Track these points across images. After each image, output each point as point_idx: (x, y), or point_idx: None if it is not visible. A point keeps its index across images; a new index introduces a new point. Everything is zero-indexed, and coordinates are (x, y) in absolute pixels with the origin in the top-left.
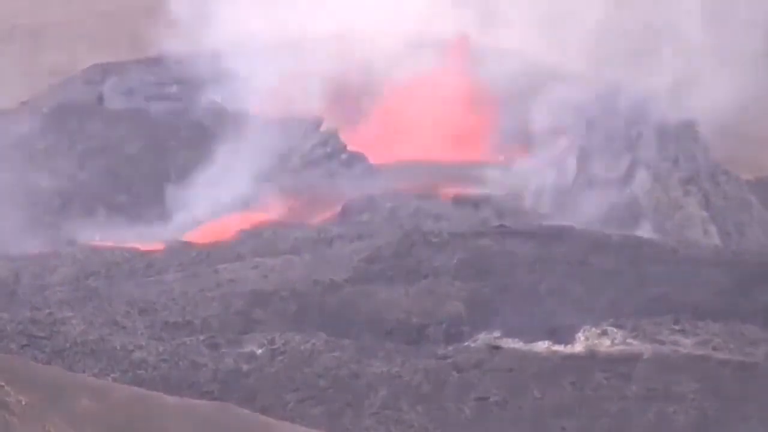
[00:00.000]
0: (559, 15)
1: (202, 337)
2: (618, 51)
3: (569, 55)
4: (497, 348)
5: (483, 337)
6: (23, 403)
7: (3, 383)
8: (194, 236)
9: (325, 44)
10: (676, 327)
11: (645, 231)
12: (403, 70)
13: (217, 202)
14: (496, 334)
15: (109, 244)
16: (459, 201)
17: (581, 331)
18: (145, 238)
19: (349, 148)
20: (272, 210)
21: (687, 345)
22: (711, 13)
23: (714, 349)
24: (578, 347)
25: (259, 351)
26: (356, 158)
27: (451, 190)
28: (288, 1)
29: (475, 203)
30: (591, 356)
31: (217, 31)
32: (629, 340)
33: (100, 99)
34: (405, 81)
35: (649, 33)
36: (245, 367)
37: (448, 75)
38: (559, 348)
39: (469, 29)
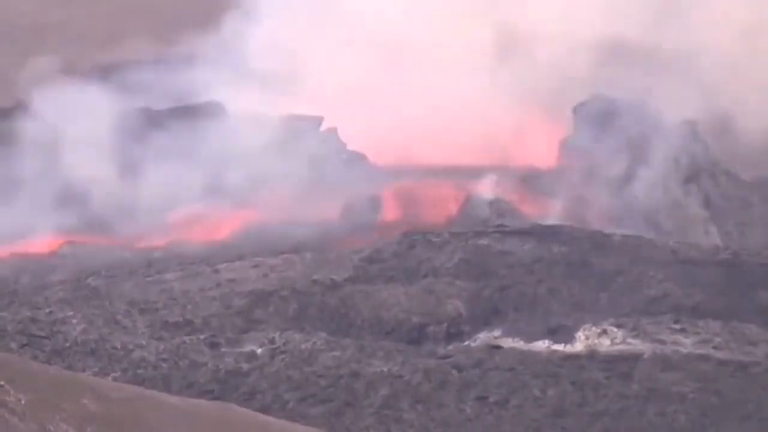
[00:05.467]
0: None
1: (202, 337)
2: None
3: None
4: (497, 347)
5: (483, 337)
6: (23, 402)
7: (3, 382)
8: (194, 235)
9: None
10: (677, 326)
11: (645, 231)
12: None
13: (216, 201)
14: (497, 333)
15: (109, 242)
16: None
17: (581, 330)
18: (142, 236)
19: (349, 147)
20: (272, 209)
21: (687, 344)
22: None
23: (714, 348)
24: (578, 347)
25: (260, 350)
26: (356, 158)
27: (452, 192)
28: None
29: (476, 203)
30: (591, 355)
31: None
32: (629, 340)
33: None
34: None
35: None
36: (245, 367)
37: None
38: (559, 347)
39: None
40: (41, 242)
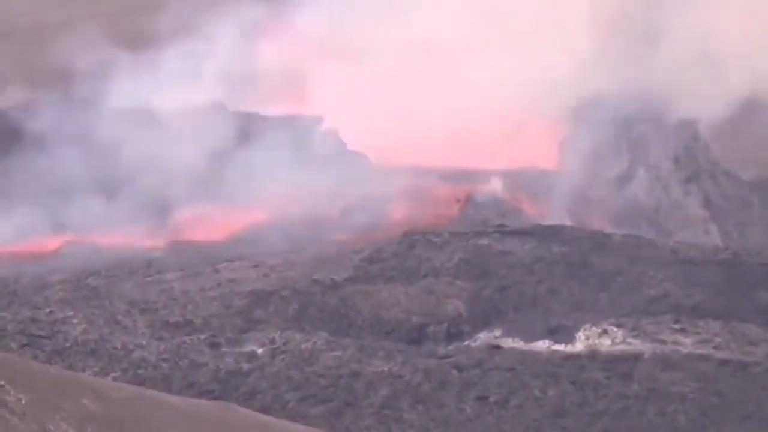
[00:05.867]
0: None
1: (202, 337)
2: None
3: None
4: (497, 347)
5: (483, 337)
6: (23, 402)
7: (3, 382)
8: (194, 234)
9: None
10: (677, 326)
11: (645, 231)
12: None
13: (217, 201)
14: (497, 333)
15: (110, 241)
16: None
17: (581, 330)
18: (146, 235)
19: (349, 147)
20: (273, 209)
21: (687, 344)
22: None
23: (714, 348)
24: (579, 346)
25: (260, 350)
26: (356, 158)
27: (451, 192)
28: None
29: (476, 203)
30: (591, 355)
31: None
32: (630, 340)
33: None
34: None
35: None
36: (246, 367)
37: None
38: (559, 347)
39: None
40: (41, 242)
